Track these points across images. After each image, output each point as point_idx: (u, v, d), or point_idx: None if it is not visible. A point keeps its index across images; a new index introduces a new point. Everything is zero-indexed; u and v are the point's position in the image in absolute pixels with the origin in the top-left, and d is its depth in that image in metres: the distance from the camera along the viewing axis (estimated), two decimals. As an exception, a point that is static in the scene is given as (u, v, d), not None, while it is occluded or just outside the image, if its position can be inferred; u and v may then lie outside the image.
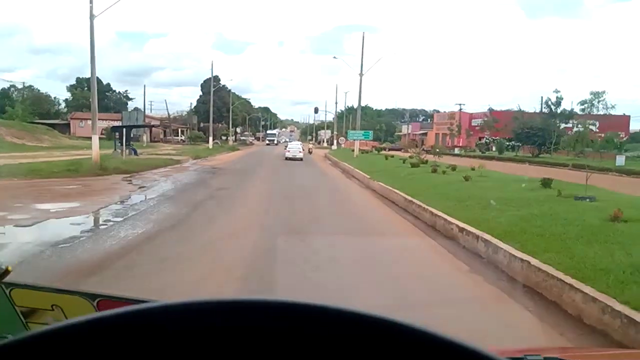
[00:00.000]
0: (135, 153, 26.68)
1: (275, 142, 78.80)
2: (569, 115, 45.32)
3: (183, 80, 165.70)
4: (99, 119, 50.02)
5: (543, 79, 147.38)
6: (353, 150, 39.39)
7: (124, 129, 29.47)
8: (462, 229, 6.99)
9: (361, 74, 28.70)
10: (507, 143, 54.91)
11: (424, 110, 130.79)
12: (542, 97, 45.74)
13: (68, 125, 51.99)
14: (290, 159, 31.67)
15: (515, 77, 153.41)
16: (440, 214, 8.26)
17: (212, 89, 43.19)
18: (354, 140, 30.39)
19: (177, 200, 11.27)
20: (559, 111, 38.90)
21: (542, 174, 13.38)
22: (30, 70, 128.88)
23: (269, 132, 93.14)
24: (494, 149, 52.88)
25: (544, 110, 44.96)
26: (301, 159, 31.85)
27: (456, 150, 49.53)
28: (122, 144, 24.09)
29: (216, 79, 72.98)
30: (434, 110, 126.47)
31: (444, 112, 78.66)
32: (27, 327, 0.79)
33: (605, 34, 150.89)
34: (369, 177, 16.78)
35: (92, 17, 17.02)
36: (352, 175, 20.84)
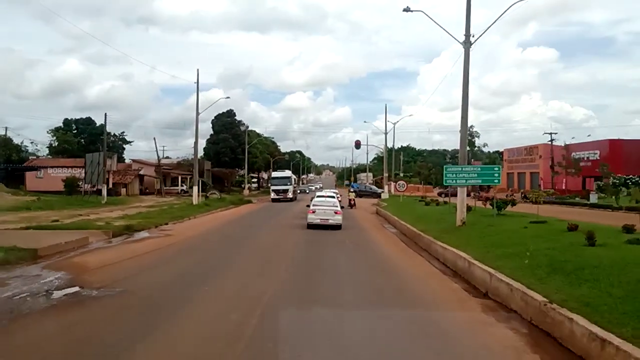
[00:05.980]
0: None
1: (291, 194, 42.22)
2: None
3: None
4: (60, 166, 36.44)
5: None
6: (439, 203, 23.51)
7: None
8: None
9: (467, 42, 12.94)
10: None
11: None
12: None
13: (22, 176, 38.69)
14: (315, 226, 16.29)
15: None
16: None
17: (198, 111, 28.61)
18: (458, 185, 13.54)
19: None
20: None
21: None
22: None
23: (275, 174, 48.09)
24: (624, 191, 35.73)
25: None
26: (339, 226, 16.42)
27: (594, 198, 31.72)
28: None
29: (230, 113, 59.65)
30: (478, 149, 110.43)
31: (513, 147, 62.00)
32: None
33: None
34: None
35: None
36: None
